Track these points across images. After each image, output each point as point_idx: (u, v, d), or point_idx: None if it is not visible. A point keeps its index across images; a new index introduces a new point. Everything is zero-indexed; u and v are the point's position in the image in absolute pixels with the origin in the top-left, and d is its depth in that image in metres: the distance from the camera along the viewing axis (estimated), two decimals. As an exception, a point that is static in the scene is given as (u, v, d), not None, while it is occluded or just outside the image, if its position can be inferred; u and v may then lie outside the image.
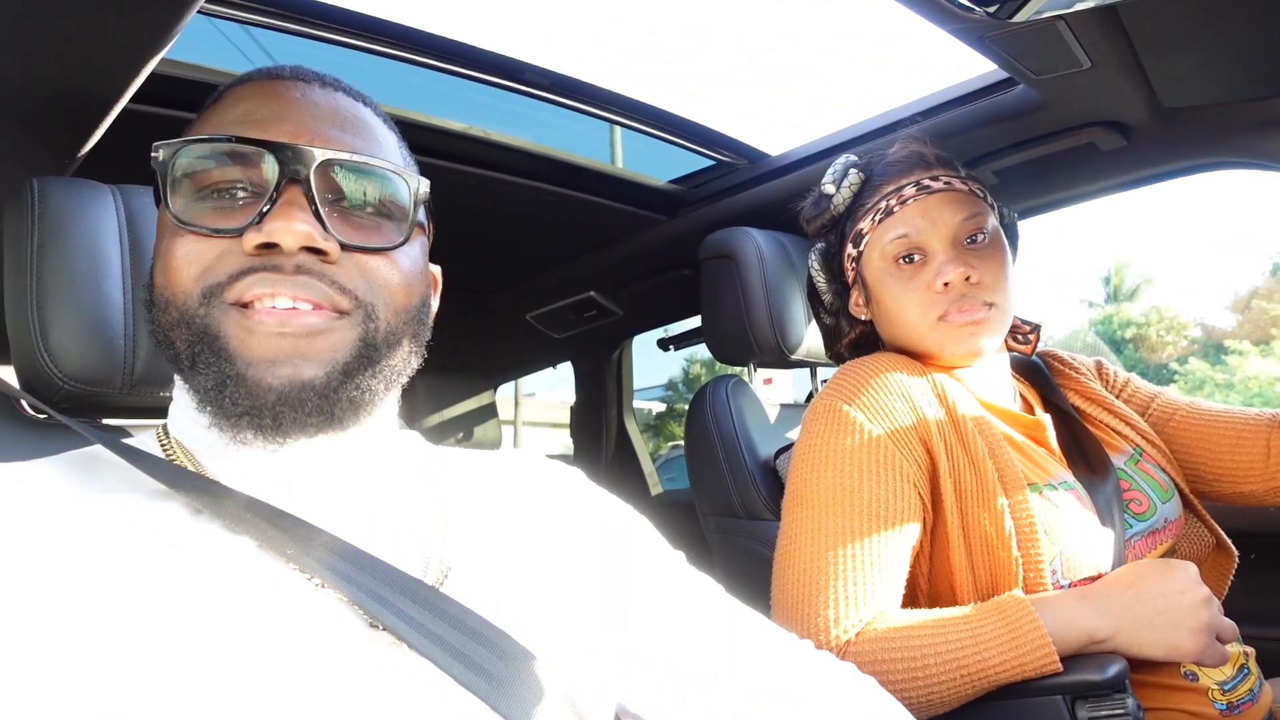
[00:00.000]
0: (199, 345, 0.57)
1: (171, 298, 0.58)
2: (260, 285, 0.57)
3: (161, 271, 0.60)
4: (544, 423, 12.45)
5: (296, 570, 0.57)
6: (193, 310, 0.57)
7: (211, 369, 0.56)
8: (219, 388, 0.56)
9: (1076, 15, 1.03)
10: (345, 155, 0.61)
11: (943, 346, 1.08)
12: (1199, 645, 0.88)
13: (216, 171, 0.59)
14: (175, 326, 0.58)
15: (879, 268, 1.11)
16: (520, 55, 1.46)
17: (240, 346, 0.56)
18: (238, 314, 0.57)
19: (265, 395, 0.56)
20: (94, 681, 0.49)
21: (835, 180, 1.15)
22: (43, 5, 0.76)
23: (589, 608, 0.69)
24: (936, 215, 1.08)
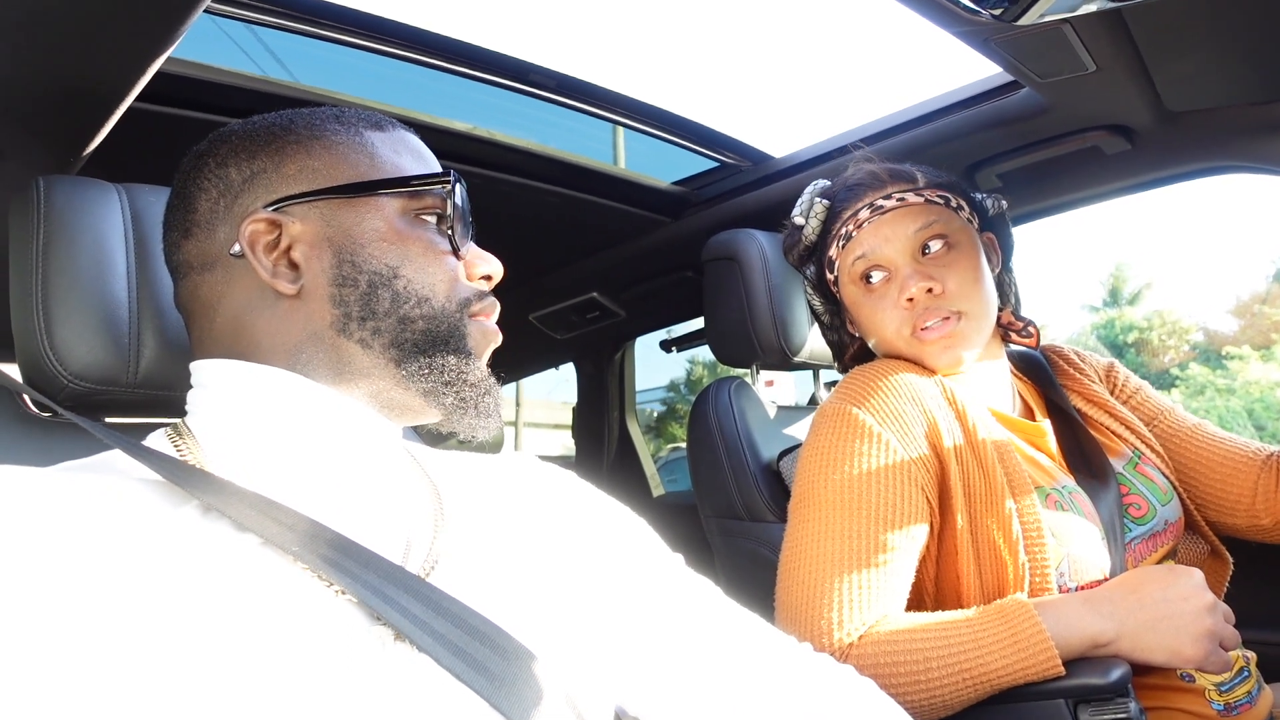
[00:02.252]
0: (452, 338, 0.69)
1: (431, 297, 0.69)
2: (490, 306, 0.73)
3: (420, 272, 0.69)
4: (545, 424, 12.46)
5: (301, 567, 0.58)
6: (452, 313, 0.69)
7: (458, 354, 0.69)
8: (460, 368, 0.69)
9: (1081, 18, 1.03)
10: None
11: (921, 359, 1.09)
12: (1201, 652, 0.88)
13: (454, 209, 0.72)
14: (424, 319, 0.68)
15: (849, 290, 1.15)
16: (525, 56, 1.46)
17: (476, 343, 0.71)
18: (475, 323, 0.71)
19: (483, 379, 0.71)
20: (104, 682, 0.49)
21: (803, 212, 1.19)
22: (48, 4, 0.76)
23: (585, 608, 0.70)
24: (890, 232, 1.10)
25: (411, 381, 0.68)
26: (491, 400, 0.71)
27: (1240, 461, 1.16)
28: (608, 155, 1.90)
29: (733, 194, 1.79)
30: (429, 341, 0.68)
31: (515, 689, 0.57)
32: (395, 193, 0.70)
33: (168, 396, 0.83)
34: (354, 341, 0.67)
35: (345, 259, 0.67)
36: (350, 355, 0.67)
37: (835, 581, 0.95)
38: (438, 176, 0.71)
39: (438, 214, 0.72)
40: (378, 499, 0.66)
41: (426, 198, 0.71)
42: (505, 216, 1.88)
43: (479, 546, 0.68)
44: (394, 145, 0.73)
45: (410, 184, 0.70)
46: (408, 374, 0.67)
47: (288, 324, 0.67)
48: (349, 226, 0.68)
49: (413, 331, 0.67)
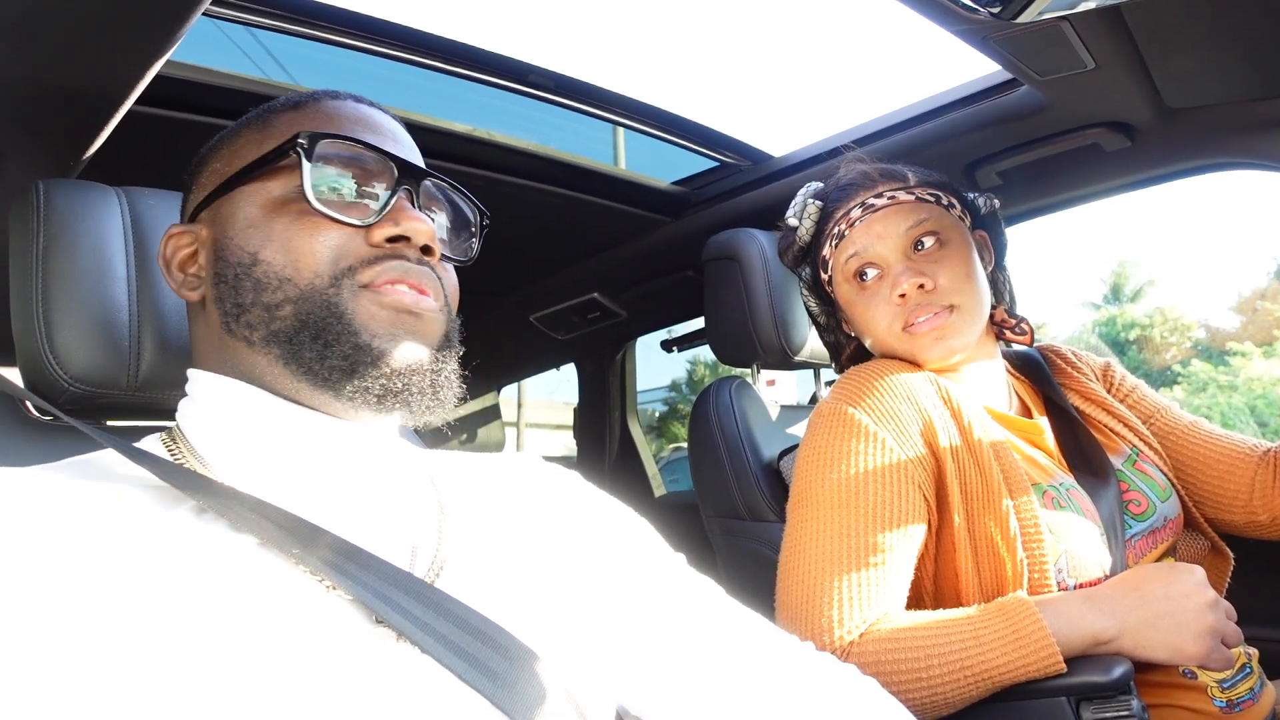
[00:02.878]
0: (328, 319, 0.61)
1: (294, 275, 0.62)
2: (391, 271, 0.63)
3: (279, 250, 0.63)
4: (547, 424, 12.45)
5: (301, 570, 0.58)
6: (321, 289, 0.62)
7: (342, 341, 0.61)
8: (350, 358, 0.61)
9: (1080, 16, 1.03)
10: (442, 179, 0.71)
11: (914, 355, 1.10)
12: (1203, 649, 0.88)
13: (347, 169, 0.66)
14: (290, 303, 0.62)
15: (843, 289, 1.16)
16: (524, 57, 1.46)
17: (369, 319, 0.62)
18: (367, 294, 0.62)
19: (391, 365, 0.62)
20: (102, 683, 0.49)
21: (796, 214, 1.20)
22: (48, 7, 0.76)
23: (587, 608, 0.69)
24: (882, 229, 1.10)
25: (308, 378, 0.62)
26: (421, 382, 0.63)
27: (1237, 458, 1.16)
28: (608, 156, 1.90)
29: (733, 194, 1.79)
30: (299, 327, 0.61)
31: (518, 689, 0.57)
32: (259, 175, 0.66)
33: (169, 399, 0.83)
34: (239, 341, 0.64)
35: (219, 255, 0.66)
36: (246, 359, 0.64)
37: (835, 580, 0.95)
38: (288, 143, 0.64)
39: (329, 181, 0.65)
40: (380, 506, 0.66)
41: (295, 170, 0.64)
42: (506, 218, 1.88)
43: (482, 548, 0.68)
44: (297, 121, 0.69)
45: (265, 161, 0.65)
46: (301, 370, 0.61)
47: (204, 333, 0.68)
48: (226, 221, 0.67)
49: (281, 320, 0.62)
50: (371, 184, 0.66)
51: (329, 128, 0.67)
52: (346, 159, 0.66)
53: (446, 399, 0.66)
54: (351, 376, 0.61)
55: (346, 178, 0.66)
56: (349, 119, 0.69)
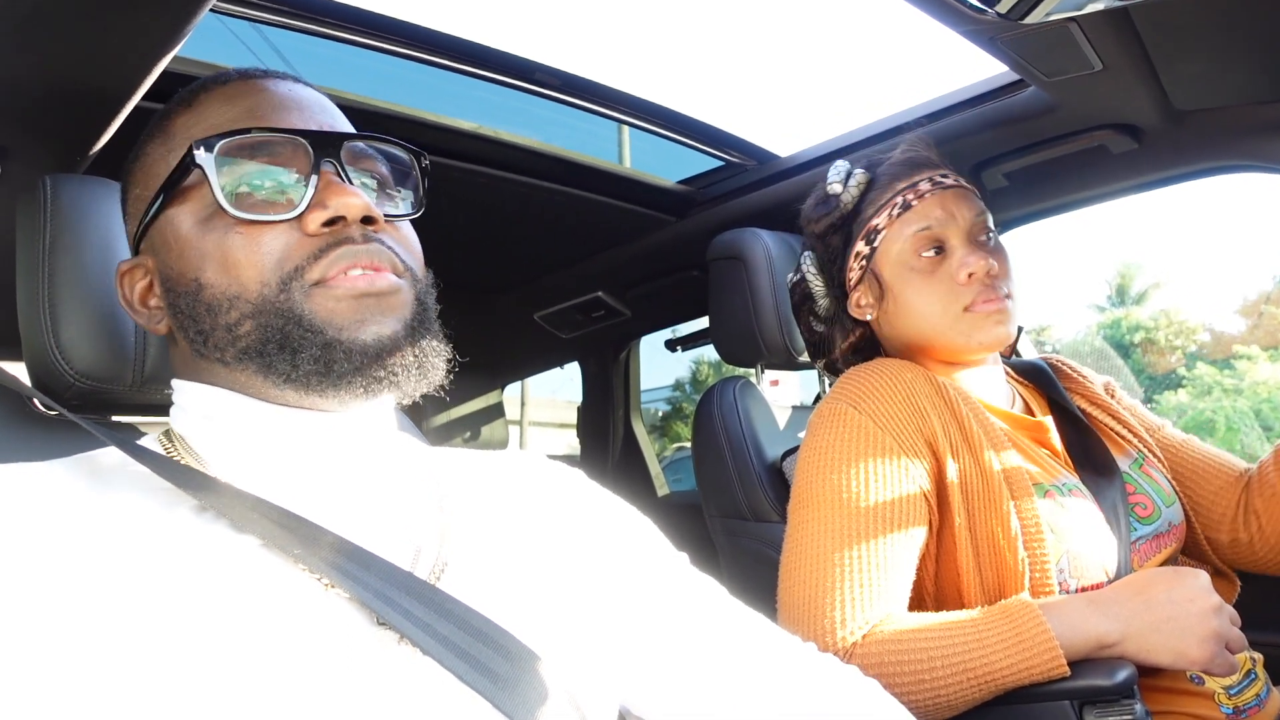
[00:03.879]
0: (288, 327, 0.58)
1: (240, 292, 0.59)
2: (341, 260, 0.59)
3: (217, 269, 0.60)
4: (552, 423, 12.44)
5: (302, 569, 0.57)
6: (272, 299, 0.59)
7: (309, 344, 0.58)
8: (322, 359, 0.58)
9: (1088, 17, 1.02)
10: (361, 137, 0.65)
11: (969, 337, 1.08)
12: (1207, 654, 0.88)
13: (255, 163, 0.61)
14: (247, 318, 0.59)
15: (899, 262, 1.11)
16: (530, 55, 1.46)
17: (330, 316, 0.59)
18: (320, 290, 0.59)
19: (365, 352, 0.59)
20: (102, 681, 0.49)
21: (839, 180, 1.16)
22: (55, 4, 0.76)
23: (590, 608, 0.69)
24: (954, 209, 1.09)
25: (289, 385, 0.60)
26: (403, 360, 0.60)
27: (1230, 478, 1.18)
28: (613, 154, 1.90)
29: (738, 193, 1.79)
30: (264, 340, 0.59)
31: (519, 690, 0.57)
32: (174, 196, 0.62)
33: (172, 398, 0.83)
34: (214, 363, 0.62)
35: (167, 285, 0.64)
36: (226, 377, 0.63)
37: (837, 581, 0.95)
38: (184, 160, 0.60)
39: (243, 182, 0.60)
40: (382, 506, 0.65)
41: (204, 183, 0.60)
42: (511, 215, 1.88)
43: (485, 548, 0.67)
44: (195, 122, 0.64)
45: (173, 184, 0.61)
46: (281, 378, 0.60)
47: (181, 361, 0.67)
48: (163, 249, 0.64)
49: (245, 337, 0.60)
50: (290, 168, 0.62)
51: (225, 122, 0.63)
52: (253, 150, 0.61)
53: (434, 369, 0.63)
54: (329, 375, 0.59)
55: (262, 171, 0.61)
56: (245, 106, 0.64)
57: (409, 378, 0.61)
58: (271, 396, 0.62)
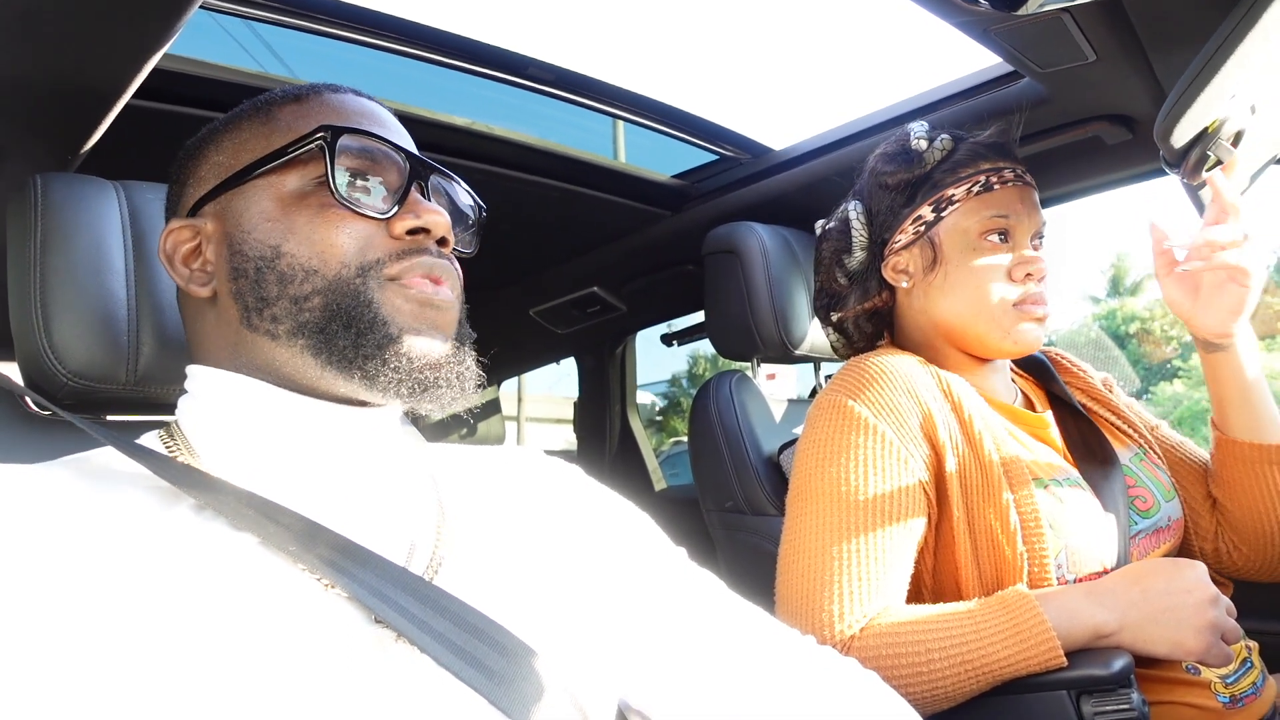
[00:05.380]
0: (356, 310, 0.62)
1: (320, 268, 0.62)
2: (418, 267, 0.64)
3: (307, 243, 0.63)
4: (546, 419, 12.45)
5: (299, 567, 0.57)
6: (348, 280, 0.62)
7: (374, 331, 0.62)
8: (382, 347, 0.62)
9: (1081, 8, 1.02)
10: (446, 174, 0.72)
11: (1007, 332, 1.08)
12: (1203, 644, 0.88)
13: (364, 163, 0.66)
14: (318, 294, 0.62)
15: (964, 239, 1.09)
16: (523, 50, 1.46)
17: (395, 312, 0.63)
18: (394, 286, 0.63)
19: (422, 357, 0.63)
20: (101, 681, 0.49)
21: (924, 138, 1.13)
22: (45, 2, 0.76)
23: (588, 603, 0.69)
24: (1028, 209, 1.10)
25: (339, 365, 0.62)
26: (449, 374, 0.64)
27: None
28: (608, 149, 1.90)
29: (733, 187, 1.79)
30: (329, 318, 0.62)
31: (516, 686, 0.57)
32: (274, 168, 0.66)
33: (168, 394, 0.83)
34: (262, 335, 0.64)
35: (235, 250, 0.65)
36: (267, 352, 0.64)
37: (835, 574, 0.95)
38: (307, 137, 0.65)
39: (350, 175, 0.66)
40: (378, 502, 0.66)
41: (312, 163, 0.65)
42: (505, 211, 1.88)
43: (482, 544, 0.67)
44: (302, 114, 0.69)
45: (284, 153, 0.65)
46: (329, 359, 0.62)
47: (216, 329, 0.67)
48: (239, 215, 0.66)
49: (309, 311, 0.62)
50: (385, 177, 0.67)
51: (338, 121, 0.68)
52: (361, 152, 0.66)
53: (470, 389, 0.67)
54: (385, 366, 0.62)
55: (363, 171, 0.66)
56: (355, 112, 0.70)
57: (450, 391, 0.65)
58: (307, 378, 0.64)
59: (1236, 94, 0.89)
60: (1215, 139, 0.92)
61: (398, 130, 0.72)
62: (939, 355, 1.14)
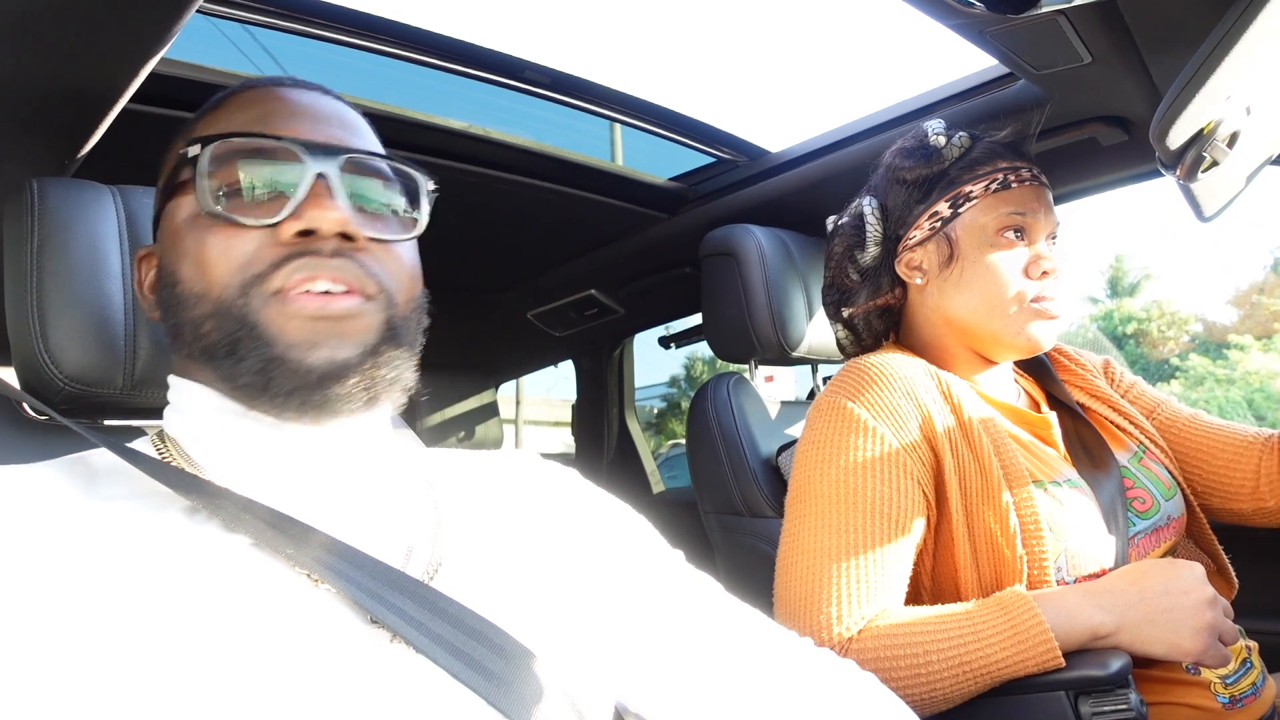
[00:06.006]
0: (239, 333, 0.58)
1: (206, 290, 0.60)
2: (300, 271, 0.59)
3: (192, 266, 0.61)
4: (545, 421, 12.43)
5: (295, 569, 0.57)
6: (230, 300, 0.59)
7: (254, 354, 0.58)
8: (263, 372, 0.58)
9: (1077, 10, 1.02)
10: (365, 152, 0.65)
11: (1020, 328, 1.07)
12: (1200, 645, 0.88)
13: (246, 168, 0.61)
14: (209, 318, 0.60)
15: (981, 235, 1.09)
16: (520, 53, 1.46)
17: (280, 331, 0.58)
18: (276, 302, 0.58)
19: (308, 375, 0.58)
20: (94, 682, 0.49)
21: (942, 134, 1.13)
22: (42, 5, 0.76)
23: (585, 605, 0.69)
24: (1044, 207, 1.10)
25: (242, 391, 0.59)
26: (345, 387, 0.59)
27: (1241, 446, 1.16)
28: (605, 152, 1.90)
29: (730, 189, 1.79)
30: (218, 342, 0.59)
31: (514, 688, 0.57)
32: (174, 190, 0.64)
33: (165, 399, 0.83)
34: (185, 358, 0.64)
35: (159, 277, 0.66)
36: (196, 373, 0.63)
37: (833, 576, 0.95)
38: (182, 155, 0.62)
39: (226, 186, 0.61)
40: (373, 507, 0.65)
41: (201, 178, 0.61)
42: (503, 214, 1.88)
43: (479, 547, 0.67)
44: (210, 125, 0.66)
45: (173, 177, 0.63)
46: (234, 384, 0.60)
47: (174, 351, 0.67)
48: (162, 241, 0.66)
49: (206, 337, 0.60)
50: (283, 176, 0.62)
51: (234, 125, 0.64)
52: (250, 155, 0.62)
53: (385, 395, 0.63)
54: (266, 391, 0.58)
55: (252, 176, 0.61)
56: (259, 111, 0.65)
57: (351, 403, 0.60)
58: (232, 399, 0.62)
59: (1232, 95, 0.89)
60: (1211, 140, 0.92)
61: (315, 115, 0.66)
62: (947, 355, 1.13)
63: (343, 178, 0.62)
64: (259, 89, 0.67)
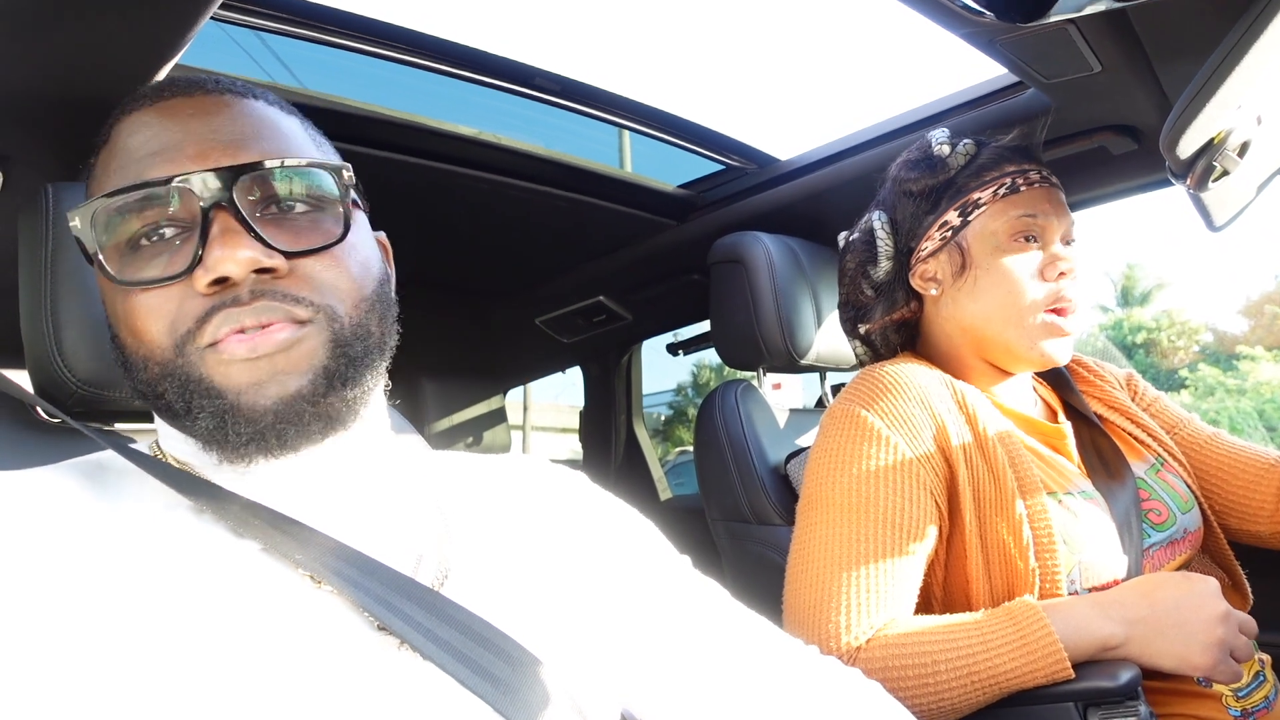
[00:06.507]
0: (188, 390, 0.57)
1: (148, 354, 0.58)
2: (226, 324, 0.56)
3: (128, 333, 0.58)
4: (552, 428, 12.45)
5: (303, 574, 0.57)
6: (171, 362, 0.57)
7: (206, 409, 0.56)
8: (220, 425, 0.56)
9: (1087, 18, 1.02)
10: (262, 163, 0.59)
11: (1034, 342, 1.06)
12: (1210, 660, 0.87)
13: (138, 219, 0.57)
14: (159, 380, 0.58)
15: (993, 240, 1.08)
16: (530, 60, 1.46)
17: (225, 380, 0.56)
18: (212, 353, 0.56)
19: (263, 418, 0.56)
20: (102, 684, 0.49)
21: (946, 143, 1.12)
22: (56, 11, 0.76)
23: (593, 612, 0.69)
24: (1057, 208, 1.09)
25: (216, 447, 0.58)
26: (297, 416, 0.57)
27: (1262, 469, 1.15)
28: (614, 159, 1.90)
29: (738, 197, 1.79)
30: (183, 403, 0.57)
31: (521, 695, 0.57)
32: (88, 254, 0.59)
33: None
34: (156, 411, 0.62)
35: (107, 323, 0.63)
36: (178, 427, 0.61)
37: (843, 585, 0.95)
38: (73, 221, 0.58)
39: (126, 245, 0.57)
40: (383, 513, 0.65)
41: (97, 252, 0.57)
42: (511, 221, 1.89)
43: (487, 553, 0.67)
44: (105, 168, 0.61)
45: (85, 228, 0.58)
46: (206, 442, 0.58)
47: None
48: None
49: (163, 398, 0.58)
50: (179, 220, 0.58)
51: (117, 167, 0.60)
52: (140, 204, 0.57)
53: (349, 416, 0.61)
54: (226, 443, 0.57)
55: (147, 230, 0.58)
56: (140, 142, 0.60)
57: (310, 439, 0.59)
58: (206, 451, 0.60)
59: (1243, 105, 0.89)
60: (1222, 150, 0.92)
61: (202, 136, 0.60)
62: (963, 366, 1.13)
63: (244, 199, 0.58)
64: (140, 111, 0.62)
